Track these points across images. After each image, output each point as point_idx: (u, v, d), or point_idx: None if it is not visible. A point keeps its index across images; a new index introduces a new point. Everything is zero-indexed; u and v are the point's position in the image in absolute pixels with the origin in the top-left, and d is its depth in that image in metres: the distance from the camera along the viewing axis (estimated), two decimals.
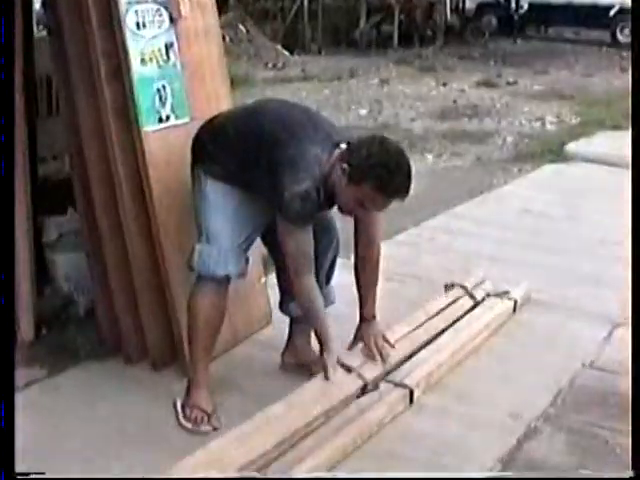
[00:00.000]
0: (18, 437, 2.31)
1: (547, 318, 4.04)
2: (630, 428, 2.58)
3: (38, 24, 4.02)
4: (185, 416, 3.08)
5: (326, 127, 3.06)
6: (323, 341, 3.10)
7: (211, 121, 3.18)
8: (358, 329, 3.31)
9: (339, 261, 3.42)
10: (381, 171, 2.79)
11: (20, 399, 2.95)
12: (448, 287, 4.06)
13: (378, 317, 3.31)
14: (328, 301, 3.37)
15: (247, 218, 3.09)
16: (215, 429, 3.04)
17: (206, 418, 3.07)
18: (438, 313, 3.81)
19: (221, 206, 3.05)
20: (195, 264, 3.08)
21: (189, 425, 3.06)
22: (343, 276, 3.41)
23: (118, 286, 3.43)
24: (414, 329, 3.62)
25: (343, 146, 2.93)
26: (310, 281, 3.02)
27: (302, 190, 2.84)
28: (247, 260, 3.16)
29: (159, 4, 3.29)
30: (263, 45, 14.86)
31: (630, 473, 2.49)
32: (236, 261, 3.09)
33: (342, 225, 3.32)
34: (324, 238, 3.26)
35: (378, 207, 2.94)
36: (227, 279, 3.10)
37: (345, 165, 2.85)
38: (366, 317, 3.28)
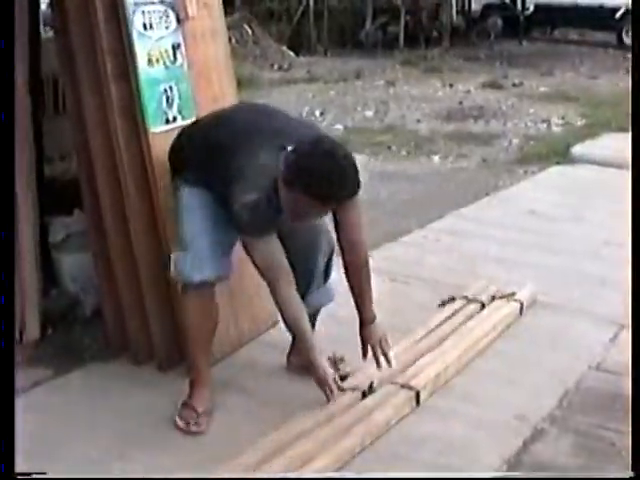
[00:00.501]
0: (22, 438, 2.31)
1: (553, 320, 4.03)
2: (630, 429, 2.58)
3: (45, 25, 4.03)
4: (179, 415, 3.08)
5: (291, 130, 2.96)
6: (308, 358, 3.04)
7: (185, 129, 3.17)
8: (361, 334, 3.23)
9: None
10: (305, 174, 2.68)
11: (25, 400, 2.98)
12: (447, 301, 4.04)
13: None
14: (326, 299, 3.38)
15: (222, 221, 2.99)
16: (201, 431, 3.02)
17: (196, 418, 3.05)
18: (443, 322, 3.81)
19: (194, 210, 3.01)
20: (172, 273, 3.08)
21: (181, 424, 3.05)
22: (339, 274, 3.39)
23: (124, 284, 3.43)
24: (419, 339, 3.63)
25: (289, 149, 2.81)
26: (285, 292, 2.95)
27: (250, 200, 2.77)
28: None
29: (166, 5, 3.30)
30: (269, 46, 14.87)
31: (630, 473, 2.49)
32: (212, 265, 3.03)
33: None
34: (312, 237, 3.23)
35: (315, 212, 2.83)
36: (207, 284, 3.07)
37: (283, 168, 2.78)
38: (366, 321, 3.20)
